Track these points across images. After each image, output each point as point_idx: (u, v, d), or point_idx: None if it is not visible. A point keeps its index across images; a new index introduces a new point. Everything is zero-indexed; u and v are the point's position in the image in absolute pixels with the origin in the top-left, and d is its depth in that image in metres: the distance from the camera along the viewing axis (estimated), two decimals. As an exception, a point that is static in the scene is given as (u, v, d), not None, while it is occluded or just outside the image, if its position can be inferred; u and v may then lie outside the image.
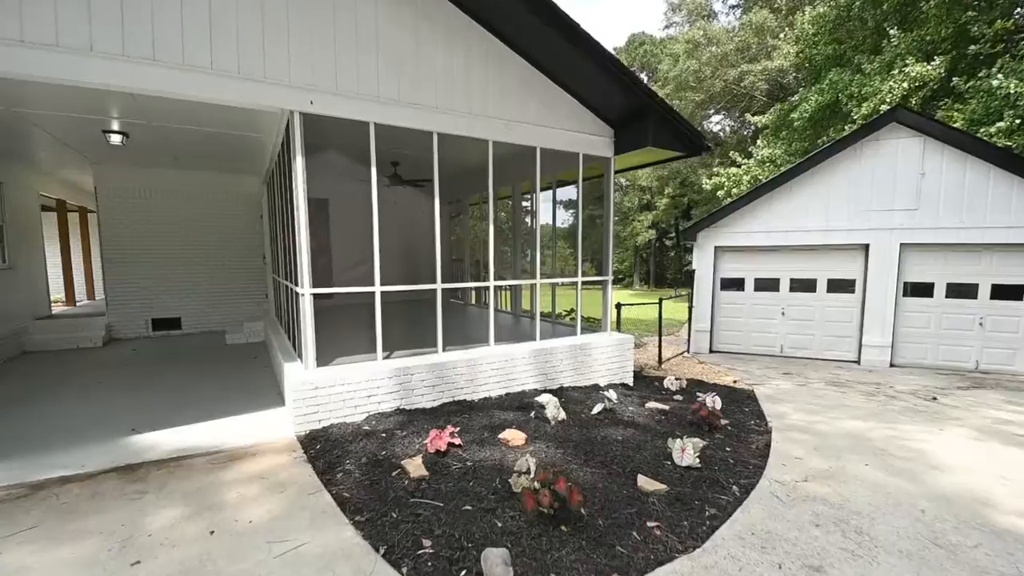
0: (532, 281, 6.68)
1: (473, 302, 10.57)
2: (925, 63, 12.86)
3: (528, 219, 9.42)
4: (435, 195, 5.18)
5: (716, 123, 30.48)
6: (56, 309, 10.05)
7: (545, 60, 5.49)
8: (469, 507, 3.10)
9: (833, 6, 16.44)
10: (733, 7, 24.94)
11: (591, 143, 6.05)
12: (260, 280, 9.94)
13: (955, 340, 8.10)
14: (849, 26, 16.42)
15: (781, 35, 19.22)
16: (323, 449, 4.03)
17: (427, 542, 2.75)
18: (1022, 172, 7.44)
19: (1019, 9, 12.49)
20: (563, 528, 2.88)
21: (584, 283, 6.49)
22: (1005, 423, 5.35)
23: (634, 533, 2.88)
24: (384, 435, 4.25)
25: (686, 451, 3.79)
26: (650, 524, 2.97)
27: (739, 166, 17.77)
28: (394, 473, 3.56)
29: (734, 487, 3.50)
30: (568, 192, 7.47)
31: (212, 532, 2.91)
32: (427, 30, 4.91)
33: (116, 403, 5.33)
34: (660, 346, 8.76)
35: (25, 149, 7.43)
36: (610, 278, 6.63)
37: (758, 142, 18.39)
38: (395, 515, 3.03)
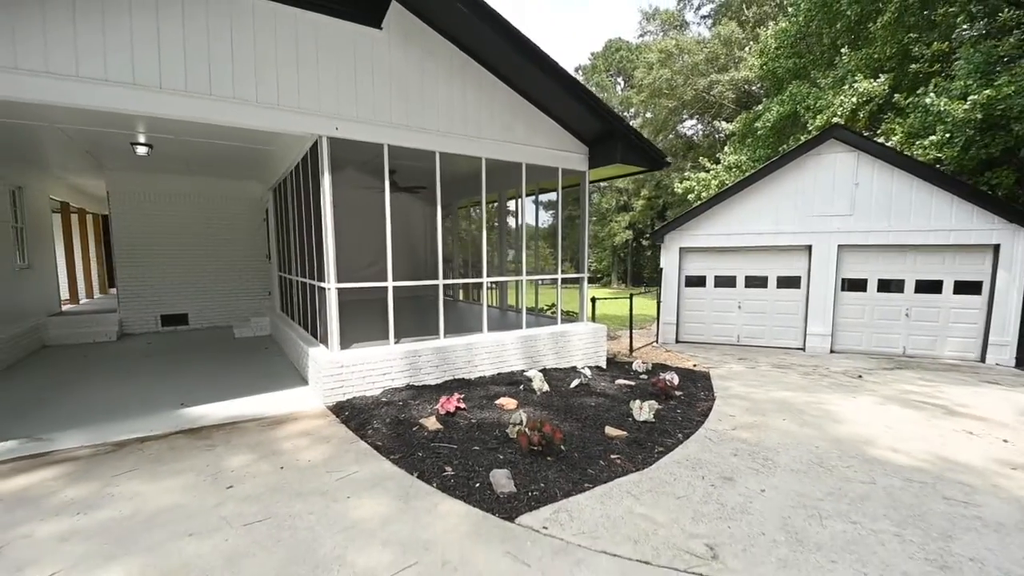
0: (519, 278, 7.68)
1: (462, 298, 11.55)
2: (872, 80, 14.32)
3: (512, 221, 10.45)
4: (437, 205, 6.17)
5: (689, 128, 32.02)
6: (63, 307, 10.67)
7: (530, 90, 6.52)
8: (477, 447, 4.11)
9: (794, 22, 17.89)
10: (704, 17, 26.42)
11: (569, 159, 7.12)
12: (263, 278, 10.76)
13: (886, 329, 9.41)
14: (808, 41, 17.90)
15: (747, 48, 20.67)
16: (351, 414, 4.98)
17: (448, 469, 3.75)
18: (939, 183, 8.80)
19: (955, 32, 13.99)
20: (548, 458, 3.91)
21: (563, 280, 7.55)
22: (909, 393, 6.59)
23: (600, 461, 3.93)
24: (400, 404, 5.22)
25: (643, 409, 4.86)
26: (613, 456, 4.02)
27: (708, 171, 19.11)
28: (414, 428, 4.54)
29: (679, 434, 4.59)
30: (550, 195, 8.52)
31: (281, 467, 3.85)
32: (431, 65, 5.90)
33: (155, 386, 6.17)
34: (631, 337, 9.89)
35: (46, 157, 8.13)
36: (586, 276, 7.70)
37: (726, 148, 19.77)
38: (420, 454, 4.02)
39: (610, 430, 4.51)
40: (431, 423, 4.56)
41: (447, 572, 2.59)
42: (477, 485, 3.50)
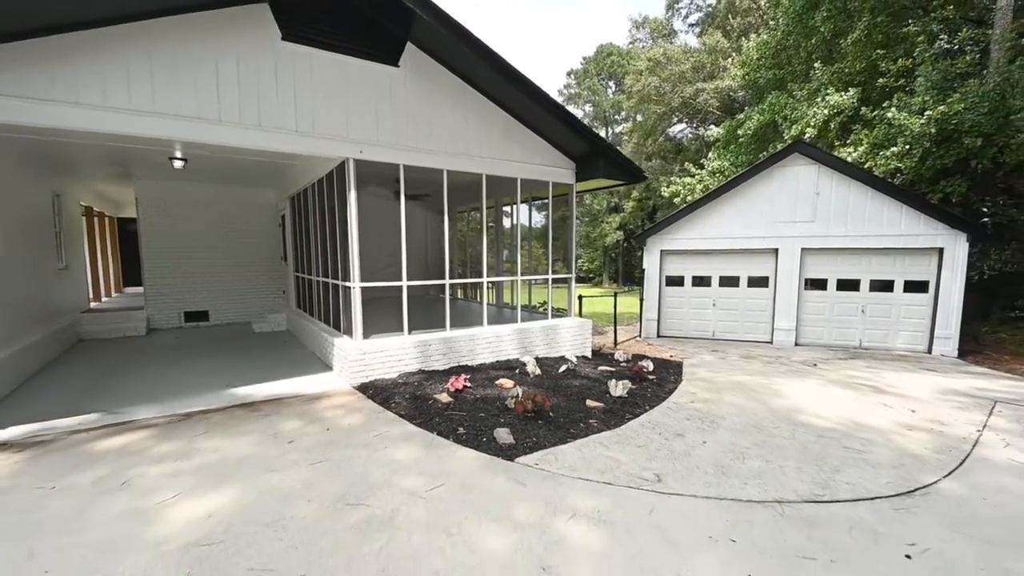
0: (514, 278, 8.74)
1: (460, 296, 12.59)
2: (842, 93, 15.52)
3: (508, 222, 11.51)
4: (444, 216, 7.22)
5: (679, 131, 33.25)
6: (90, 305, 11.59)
7: (524, 115, 7.59)
8: (482, 414, 5.17)
9: (774, 35, 19.09)
10: (692, 25, 27.64)
11: (558, 174, 8.19)
12: (277, 278, 11.75)
13: (844, 324, 10.58)
14: (787, 53, 19.10)
15: (730, 59, 21.87)
16: (375, 392, 6.02)
17: (461, 429, 4.81)
18: (890, 193, 9.97)
19: (917, 50, 15.21)
20: (539, 422, 4.97)
21: (554, 280, 8.62)
22: (852, 377, 7.72)
23: (581, 424, 5.00)
24: (415, 384, 6.26)
25: (618, 387, 5.94)
26: (591, 420, 5.10)
27: (693, 176, 20.28)
28: (429, 402, 5.59)
29: (646, 406, 5.68)
30: (543, 200, 9.59)
31: (327, 429, 4.89)
32: (439, 95, 6.95)
33: (197, 371, 7.17)
34: (615, 331, 10.99)
35: (83, 167, 9.07)
36: (574, 276, 8.79)
37: (710, 154, 20.96)
38: (437, 420, 5.07)
39: (590, 402, 5.59)
40: (443, 398, 5.61)
41: (467, 489, 3.64)
42: (484, 440, 4.56)
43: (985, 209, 12.76)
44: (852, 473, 4.07)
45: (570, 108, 41.72)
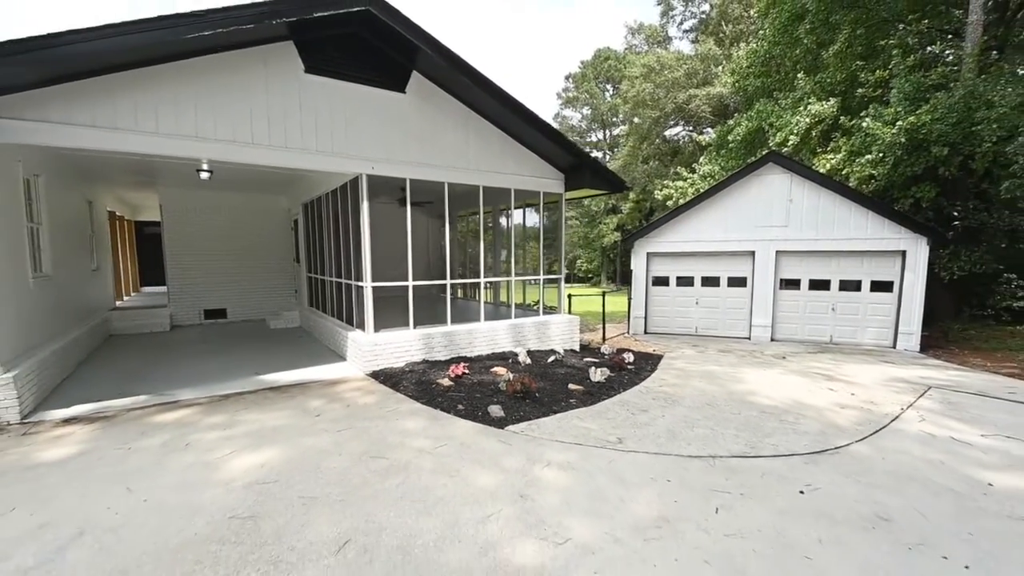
0: (509, 278, 9.69)
1: (460, 295, 13.54)
2: (823, 102, 16.45)
3: (504, 222, 12.45)
4: (446, 223, 8.19)
5: (677, 133, 34.19)
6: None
7: (517, 133, 8.55)
8: (479, 395, 6.12)
9: (762, 44, 20.03)
10: (687, 31, 28.61)
11: (548, 184, 9.15)
12: (289, 278, 12.72)
13: (817, 321, 11.52)
14: (775, 63, 20.03)
15: (721, 66, 22.84)
16: (385, 378, 6.98)
17: (460, 406, 5.76)
18: (857, 200, 10.91)
19: (893, 62, 16.15)
20: (527, 401, 5.93)
21: (545, 280, 9.57)
22: (813, 368, 8.66)
23: (562, 403, 5.96)
24: (420, 371, 7.22)
25: (598, 374, 6.89)
26: (571, 400, 6.06)
27: (685, 179, 21.23)
28: (433, 386, 6.54)
29: (620, 389, 6.64)
30: (535, 206, 10.55)
31: (348, 406, 5.85)
32: (441, 117, 7.91)
33: (225, 362, 8.13)
34: (604, 327, 11.94)
35: (115, 177, 10.03)
36: (563, 276, 9.75)
37: (701, 159, 21.90)
38: (440, 399, 6.03)
39: (572, 386, 6.54)
40: (445, 382, 6.57)
41: (464, 447, 4.60)
42: (479, 414, 5.52)
43: (956, 213, 13.71)
44: (779, 438, 5.02)
45: (568, 111, 42.72)
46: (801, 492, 3.89)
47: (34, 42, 4.72)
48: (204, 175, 9.12)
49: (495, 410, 5.53)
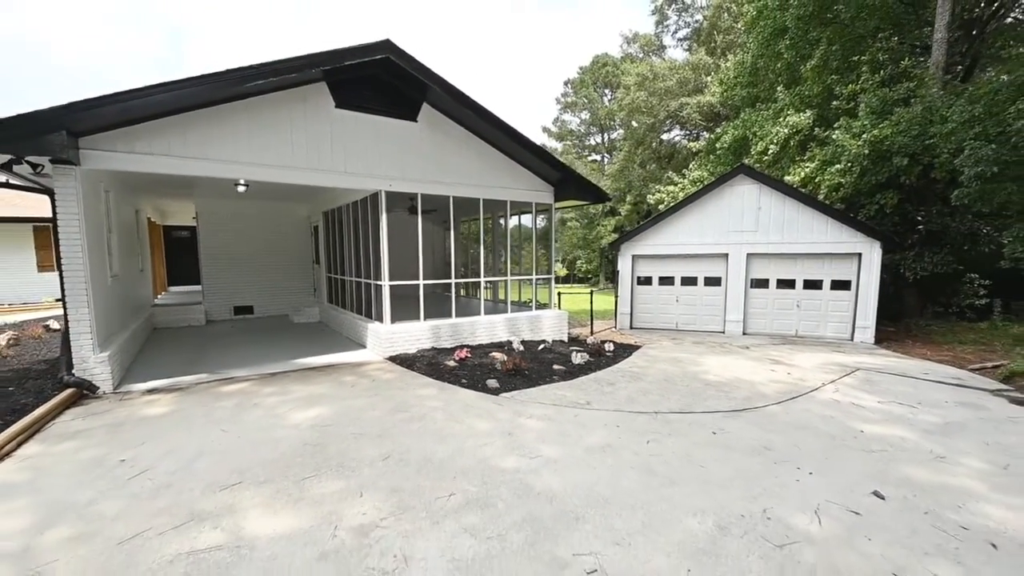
0: (505, 278, 11.20)
1: (463, 293, 15.09)
2: (801, 114, 17.92)
3: (502, 223, 14.00)
4: (451, 230, 9.72)
5: (673, 136, 35.66)
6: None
7: (512, 153, 10.08)
8: (479, 373, 7.66)
9: (747, 57, 21.50)
10: (681, 40, 30.12)
11: (539, 195, 10.69)
12: (309, 278, 14.30)
13: (784, 316, 13.01)
14: (760, 75, 21.51)
15: (709, 76, 24.34)
16: (400, 361, 8.52)
17: (463, 380, 7.30)
18: (818, 208, 12.41)
19: (863, 77, 17.59)
20: (517, 377, 7.46)
21: (538, 279, 11.09)
22: (769, 355, 10.15)
23: (547, 379, 7.49)
24: (430, 356, 8.76)
25: (578, 357, 8.42)
26: (554, 377, 7.59)
27: (676, 184, 22.72)
28: (441, 367, 8.08)
29: (596, 370, 8.17)
30: (530, 213, 12.09)
31: (373, 381, 7.39)
32: (448, 141, 9.45)
33: (263, 350, 9.67)
34: (592, 322, 13.47)
35: (158, 188, 11.57)
36: (553, 276, 11.27)
37: (691, 165, 23.40)
38: (447, 376, 7.56)
39: (556, 367, 8.07)
40: (451, 364, 8.10)
41: (467, 406, 6.14)
42: (479, 386, 7.06)
43: (920, 217, 15.16)
44: (712, 402, 6.54)
45: (568, 115, 44.23)
46: (713, 433, 5.41)
47: (127, 94, 6.26)
48: (240, 188, 10.68)
49: (492, 383, 7.06)
